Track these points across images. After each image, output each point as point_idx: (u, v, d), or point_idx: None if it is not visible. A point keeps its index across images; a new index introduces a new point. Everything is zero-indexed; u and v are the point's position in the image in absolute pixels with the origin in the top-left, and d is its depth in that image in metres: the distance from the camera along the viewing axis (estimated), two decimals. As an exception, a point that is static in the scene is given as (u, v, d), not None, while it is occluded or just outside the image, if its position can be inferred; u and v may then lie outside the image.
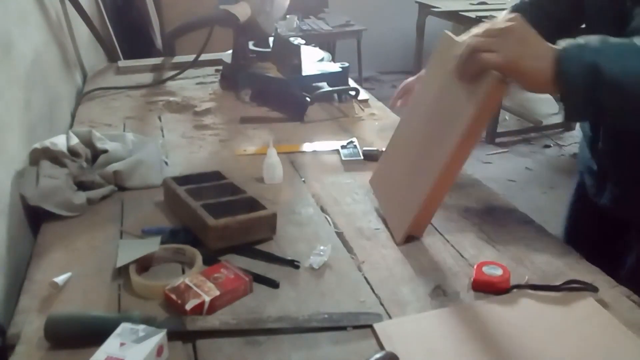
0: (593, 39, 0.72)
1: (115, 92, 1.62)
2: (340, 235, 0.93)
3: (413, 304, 0.77)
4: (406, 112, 1.07)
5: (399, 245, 0.89)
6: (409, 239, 0.90)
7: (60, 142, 1.08)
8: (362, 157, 1.19)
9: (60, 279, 0.79)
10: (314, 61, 1.63)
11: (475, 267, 0.81)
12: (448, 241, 0.91)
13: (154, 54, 2.49)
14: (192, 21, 1.70)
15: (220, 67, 1.73)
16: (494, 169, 3.47)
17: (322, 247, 0.87)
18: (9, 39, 1.13)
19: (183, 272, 0.83)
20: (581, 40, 0.73)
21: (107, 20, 2.28)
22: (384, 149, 1.09)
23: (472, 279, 0.80)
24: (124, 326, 0.66)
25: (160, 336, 0.65)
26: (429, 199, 0.86)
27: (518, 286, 0.78)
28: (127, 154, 1.13)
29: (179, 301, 0.73)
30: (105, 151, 1.11)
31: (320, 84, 1.54)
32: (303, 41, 1.70)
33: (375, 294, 0.79)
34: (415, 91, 1.15)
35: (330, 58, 1.72)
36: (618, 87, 0.69)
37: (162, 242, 0.86)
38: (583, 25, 1.04)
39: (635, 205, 1.00)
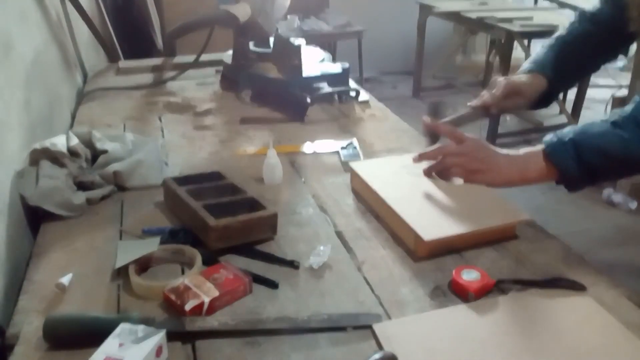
0: (566, 130, 0.83)
1: (116, 93, 1.62)
2: (340, 235, 0.93)
3: (413, 304, 0.77)
4: None
5: (426, 240, 0.84)
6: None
7: (60, 142, 1.08)
8: (361, 158, 1.19)
9: (65, 279, 0.79)
10: (314, 62, 1.62)
11: (453, 272, 0.80)
12: (448, 242, 0.91)
13: (155, 54, 2.49)
14: (193, 21, 1.69)
15: (221, 68, 1.73)
16: (494, 170, 3.45)
17: (322, 247, 0.86)
18: (9, 39, 1.12)
19: (182, 272, 0.83)
20: (557, 134, 0.84)
21: (107, 20, 2.28)
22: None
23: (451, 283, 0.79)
24: (123, 327, 0.66)
25: (159, 337, 0.65)
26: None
27: (502, 281, 0.79)
28: (127, 154, 1.13)
29: (179, 302, 0.73)
30: (105, 151, 1.11)
31: (320, 85, 1.53)
32: (304, 41, 1.69)
33: (375, 294, 0.79)
34: None
35: (331, 58, 1.72)
36: (602, 150, 0.80)
37: (162, 243, 0.86)
38: None
39: None
